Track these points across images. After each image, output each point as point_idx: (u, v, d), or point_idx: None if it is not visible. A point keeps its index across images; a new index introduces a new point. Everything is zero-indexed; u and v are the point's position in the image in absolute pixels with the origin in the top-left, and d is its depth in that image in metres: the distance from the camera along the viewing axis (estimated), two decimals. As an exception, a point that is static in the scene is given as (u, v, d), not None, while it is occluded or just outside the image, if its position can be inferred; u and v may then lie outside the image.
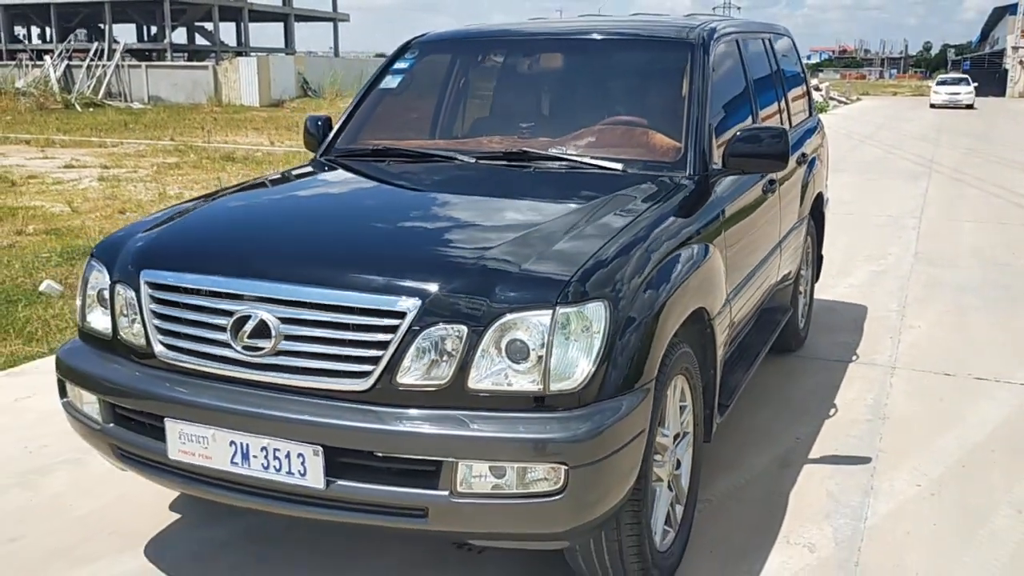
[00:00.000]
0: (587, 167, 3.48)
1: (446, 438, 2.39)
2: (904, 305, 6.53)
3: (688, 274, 2.93)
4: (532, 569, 3.09)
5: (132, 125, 25.05)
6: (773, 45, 5.00)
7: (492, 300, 2.44)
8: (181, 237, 3.00)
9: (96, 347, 2.94)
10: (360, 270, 2.58)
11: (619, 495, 2.54)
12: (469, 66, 4.38)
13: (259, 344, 2.54)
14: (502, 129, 3.97)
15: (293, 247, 2.84)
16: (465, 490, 2.40)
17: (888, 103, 38.69)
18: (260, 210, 3.42)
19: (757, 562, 3.16)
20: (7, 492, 3.71)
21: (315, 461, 2.46)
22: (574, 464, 2.37)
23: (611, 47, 4.09)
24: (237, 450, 2.54)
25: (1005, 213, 10.71)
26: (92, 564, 3.18)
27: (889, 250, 8.47)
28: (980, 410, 4.55)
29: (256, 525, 3.41)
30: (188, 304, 2.70)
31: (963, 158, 17.02)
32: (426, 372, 2.44)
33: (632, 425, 2.50)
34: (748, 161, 3.49)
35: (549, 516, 2.44)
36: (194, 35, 49.19)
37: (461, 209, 3.25)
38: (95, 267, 2.98)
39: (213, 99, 35.67)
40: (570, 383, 2.42)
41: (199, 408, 2.59)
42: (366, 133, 4.08)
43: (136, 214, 10.47)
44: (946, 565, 3.16)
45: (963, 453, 4.06)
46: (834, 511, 3.52)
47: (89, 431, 2.92)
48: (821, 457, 4.01)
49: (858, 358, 5.36)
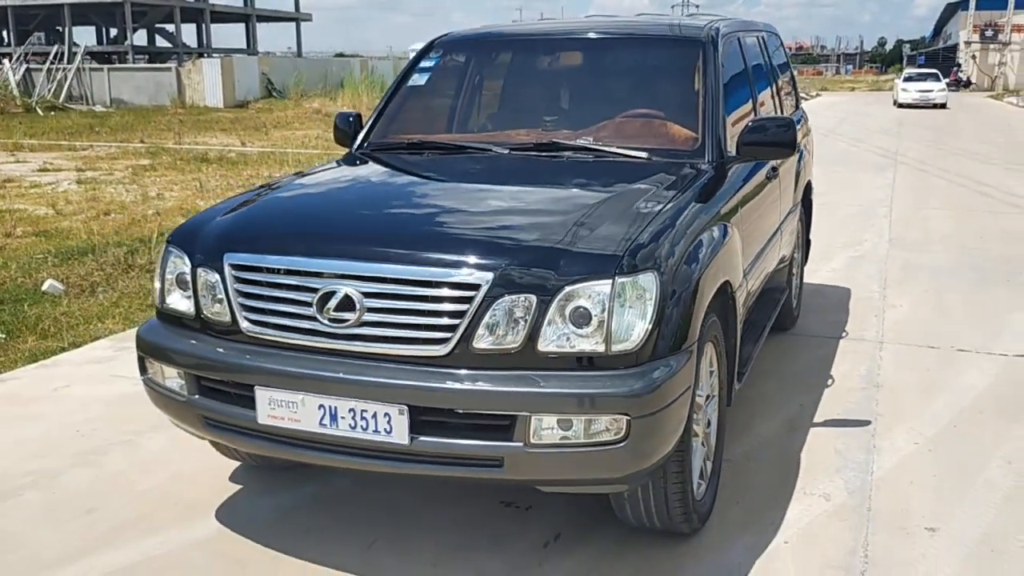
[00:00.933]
0: (614, 156, 3.79)
1: (521, 395, 2.68)
2: (885, 287, 6.93)
3: (717, 250, 3.25)
4: (576, 525, 3.39)
5: (98, 128, 24.90)
6: (766, 41, 5.35)
7: (557, 273, 2.74)
8: (259, 223, 3.26)
9: (178, 326, 3.19)
10: (435, 248, 2.86)
11: (670, 444, 2.85)
12: (491, 64, 4.67)
13: (344, 316, 2.81)
14: (526, 123, 4.26)
15: (368, 229, 3.13)
16: (537, 441, 2.69)
17: (847, 98, 39.55)
18: (324, 197, 3.68)
19: (779, 510, 3.50)
20: (72, 470, 3.93)
21: (400, 420, 2.73)
22: (636, 415, 2.67)
23: (626, 45, 4.42)
24: (326, 412, 2.81)
25: (970, 201, 11.21)
26: (167, 531, 3.43)
27: (864, 237, 8.90)
28: (965, 378, 4.94)
29: (316, 493, 3.68)
30: (271, 283, 2.96)
31: (925, 150, 17.62)
32: (499, 338, 2.72)
33: (681, 382, 2.81)
34: (760, 149, 3.82)
35: (612, 462, 2.73)
36: (155, 37, 48.80)
37: (510, 194, 3.54)
38: (174, 253, 3.23)
39: (177, 101, 35.47)
40: (628, 344, 2.72)
41: (289, 376, 2.85)
42: (396, 128, 4.35)
43: (121, 215, 10.61)
44: (948, 508, 3.51)
45: (953, 415, 4.43)
46: (843, 466, 3.87)
47: (173, 403, 3.16)
48: (825, 421, 4.36)
49: (848, 335, 5.73)
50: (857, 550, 3.22)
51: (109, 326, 6.14)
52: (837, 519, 3.44)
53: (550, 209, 3.26)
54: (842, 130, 23.15)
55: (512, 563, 3.16)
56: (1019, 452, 4.01)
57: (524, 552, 3.23)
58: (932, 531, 3.35)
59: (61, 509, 3.60)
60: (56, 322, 6.21)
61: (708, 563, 3.15)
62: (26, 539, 3.38)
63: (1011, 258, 7.92)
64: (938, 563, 3.14)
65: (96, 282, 7.20)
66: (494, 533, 3.35)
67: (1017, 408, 4.51)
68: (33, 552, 3.28)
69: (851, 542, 3.28)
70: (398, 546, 3.28)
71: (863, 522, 3.41)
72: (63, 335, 5.97)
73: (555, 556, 3.20)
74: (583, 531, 3.35)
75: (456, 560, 3.18)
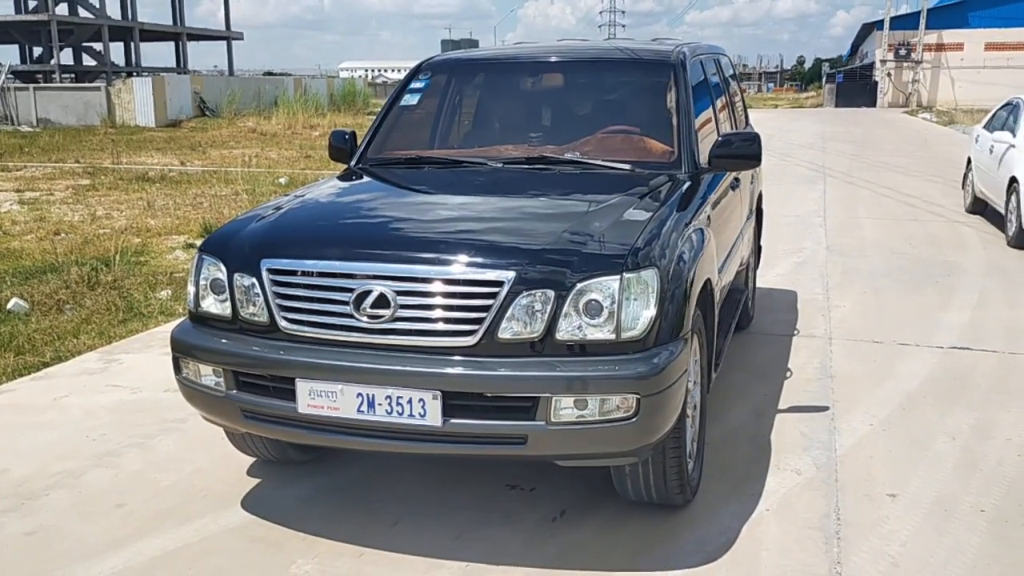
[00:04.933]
0: (600, 168, 4.16)
1: (542, 379, 3.02)
2: (828, 289, 7.46)
3: (700, 251, 3.65)
4: (579, 502, 3.74)
5: (28, 148, 24.40)
6: (720, 63, 5.81)
7: (571, 270, 3.09)
8: (291, 231, 3.55)
9: (213, 327, 3.45)
10: (461, 251, 3.19)
11: (672, 421, 3.22)
12: (474, 85, 5.03)
13: (380, 313, 3.12)
14: (513, 139, 4.62)
15: (396, 234, 3.45)
16: (557, 420, 3.03)
17: (772, 115, 40.85)
18: (345, 207, 3.99)
19: (758, 483, 3.90)
20: (93, 471, 4.13)
21: (434, 404, 3.05)
22: (645, 394, 3.03)
23: (603, 67, 4.83)
24: (364, 400, 3.11)
25: (896, 210, 11.93)
26: (199, 520, 3.67)
27: (804, 244, 9.47)
28: (908, 367, 5.45)
29: (332, 483, 3.96)
30: (308, 284, 3.26)
31: (850, 163, 18.50)
32: (521, 329, 3.07)
33: (680, 365, 3.19)
34: (730, 161, 4.24)
35: (623, 437, 3.09)
36: (82, 55, 47.90)
37: (514, 202, 3.89)
38: (208, 260, 3.49)
39: (107, 120, 34.93)
40: (636, 332, 3.09)
41: (329, 368, 3.14)
42: (392, 144, 4.67)
43: (72, 235, 10.61)
44: (904, 477, 3.96)
45: (902, 399, 4.91)
46: (809, 446, 4.30)
47: (211, 399, 3.42)
48: (788, 408, 4.79)
49: (799, 332, 6.21)
50: (830, 514, 3.64)
51: (85, 341, 6.28)
52: (810, 489, 3.86)
53: (554, 214, 3.64)
54: (772, 146, 23.93)
55: (526, 535, 3.49)
56: (960, 429, 4.49)
57: (535, 525, 3.56)
58: (893, 496, 3.79)
59: (91, 505, 3.81)
60: (31, 339, 6.32)
61: (702, 528, 3.53)
62: (67, 531, 3.59)
63: (937, 261, 8.55)
64: (900, 523, 3.58)
65: (62, 300, 7.30)
66: (505, 511, 3.68)
67: (956, 392, 5.02)
68: (78, 540, 3.50)
69: (824, 508, 3.69)
70: (420, 524, 3.58)
71: (832, 491, 3.83)
72: (41, 351, 6.10)
73: (564, 528, 3.54)
74: (586, 507, 3.70)
75: (476, 534, 3.50)
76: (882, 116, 41.19)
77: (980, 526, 3.55)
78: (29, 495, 3.90)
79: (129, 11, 47.94)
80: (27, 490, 3.95)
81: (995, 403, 4.85)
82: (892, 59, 52.36)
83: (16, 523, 3.66)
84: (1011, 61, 49.56)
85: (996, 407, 4.79)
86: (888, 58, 52.37)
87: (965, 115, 35.03)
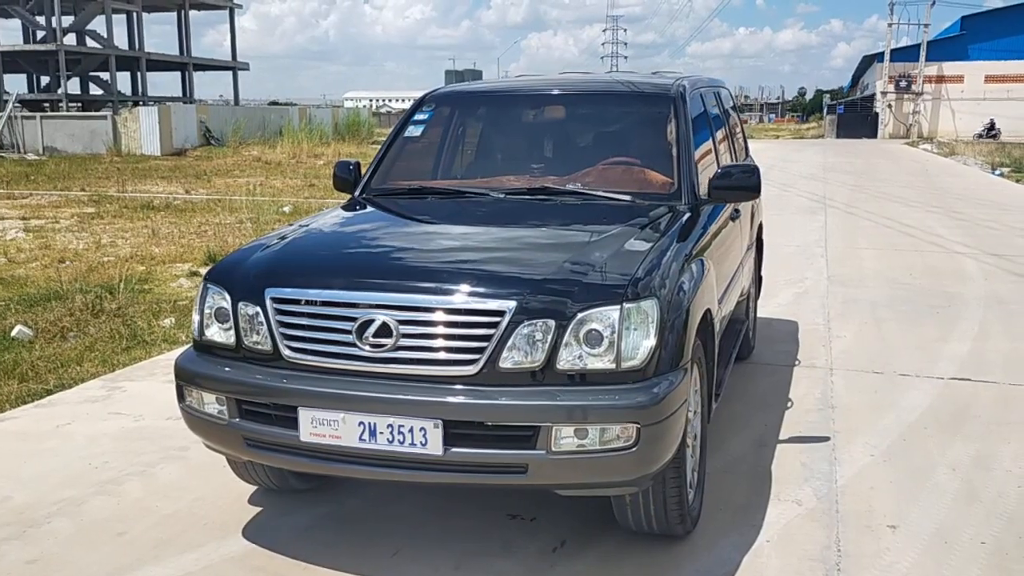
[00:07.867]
0: (601, 199, 4.21)
1: (543, 408, 3.04)
2: (829, 319, 7.48)
3: (700, 282, 3.68)
4: (579, 533, 3.74)
5: (34, 176, 24.59)
6: (720, 95, 5.88)
7: (572, 300, 3.12)
8: (295, 261, 3.59)
9: (217, 356, 3.48)
10: (463, 281, 3.22)
11: (672, 450, 3.23)
12: (477, 116, 5.09)
13: (382, 342, 3.14)
14: (515, 170, 4.68)
15: (399, 264, 3.49)
16: (558, 449, 3.05)
17: (773, 145, 41.12)
18: (348, 237, 4.03)
19: (759, 514, 3.90)
20: (94, 499, 4.14)
21: (435, 433, 3.07)
22: (644, 424, 3.05)
23: (604, 100, 4.89)
24: (365, 428, 3.12)
25: (897, 240, 11.98)
26: (199, 549, 3.67)
27: (805, 275, 9.51)
28: (909, 399, 5.45)
29: (333, 512, 3.97)
30: (311, 313, 3.29)
31: (851, 194, 18.58)
32: (522, 358, 3.09)
33: (680, 395, 3.21)
34: (729, 193, 4.29)
35: (623, 466, 3.10)
36: (88, 84, 48.37)
37: (517, 232, 3.93)
38: (213, 289, 3.53)
39: (113, 149, 35.19)
40: (636, 361, 3.11)
41: (331, 397, 3.16)
42: (395, 175, 4.73)
43: (77, 262, 10.67)
44: (905, 508, 3.96)
45: (902, 430, 4.92)
46: (810, 476, 4.30)
47: (213, 427, 3.44)
48: (789, 438, 4.80)
49: (800, 363, 6.22)
50: (831, 545, 3.64)
51: (88, 369, 6.30)
52: (810, 520, 3.86)
53: (556, 244, 3.68)
54: (772, 176, 24.09)
55: (526, 565, 3.49)
56: (961, 460, 4.50)
57: (536, 556, 3.56)
58: (893, 528, 3.79)
59: (93, 533, 3.81)
60: (34, 367, 6.34)
61: (702, 559, 3.53)
62: (69, 559, 3.59)
63: (938, 292, 8.58)
64: (900, 554, 3.57)
65: (66, 327, 7.33)
66: (505, 541, 3.68)
67: (956, 423, 5.02)
68: (79, 569, 3.50)
69: (824, 539, 3.69)
70: (420, 554, 3.58)
71: (833, 522, 3.83)
72: (44, 378, 6.12)
73: (565, 559, 3.54)
74: (586, 538, 3.70)
75: (476, 564, 3.50)
76: (883, 147, 41.41)
77: (980, 558, 3.54)
78: (31, 523, 3.91)
79: (136, 41, 48.44)
80: (29, 517, 3.96)
81: (996, 435, 4.86)
82: (893, 91, 52.77)
83: (18, 551, 3.67)
84: (1011, 93, 49.93)
85: (997, 439, 4.79)
86: (889, 90, 52.78)
87: (966, 146, 35.19)
